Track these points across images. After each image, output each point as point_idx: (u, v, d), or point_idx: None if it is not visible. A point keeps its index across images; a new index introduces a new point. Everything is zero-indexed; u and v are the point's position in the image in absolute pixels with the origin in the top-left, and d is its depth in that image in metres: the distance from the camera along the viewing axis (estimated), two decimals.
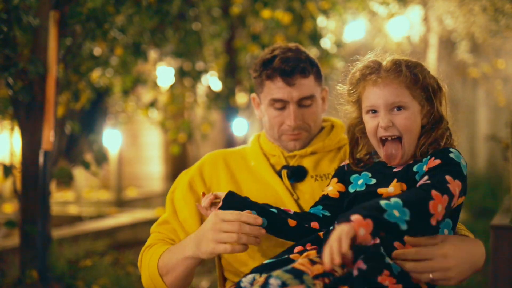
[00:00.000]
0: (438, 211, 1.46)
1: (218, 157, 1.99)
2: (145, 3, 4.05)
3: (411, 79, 1.66)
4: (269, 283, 1.35)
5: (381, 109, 1.64)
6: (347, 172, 1.76)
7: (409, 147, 1.65)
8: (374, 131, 1.66)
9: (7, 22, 2.99)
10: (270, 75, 1.90)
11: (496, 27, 4.73)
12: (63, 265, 3.63)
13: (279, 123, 1.92)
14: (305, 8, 5.49)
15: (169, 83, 5.85)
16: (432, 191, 1.47)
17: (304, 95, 1.89)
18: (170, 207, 1.92)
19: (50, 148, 3.17)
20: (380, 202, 1.43)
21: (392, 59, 1.69)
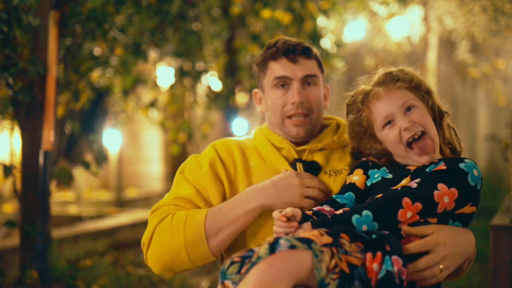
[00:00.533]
0: (407, 217, 1.57)
1: (231, 143, 1.98)
2: (145, 3, 4.05)
3: (405, 81, 1.75)
4: (279, 243, 1.39)
5: (397, 114, 1.72)
6: (370, 167, 1.80)
7: (435, 138, 1.72)
8: (398, 139, 1.72)
9: (7, 22, 2.99)
10: (274, 55, 1.94)
11: (496, 27, 4.73)
12: (63, 265, 3.63)
13: (282, 104, 1.93)
14: (305, 8, 5.49)
15: (169, 83, 5.85)
16: (404, 198, 1.57)
17: (308, 73, 1.93)
18: (187, 185, 1.87)
19: (50, 148, 3.17)
20: (352, 218, 1.55)
21: (382, 73, 1.79)
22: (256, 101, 2.07)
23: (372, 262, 1.45)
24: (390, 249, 1.49)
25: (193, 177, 1.89)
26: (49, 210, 3.26)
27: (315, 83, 1.95)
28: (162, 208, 1.82)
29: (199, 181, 1.88)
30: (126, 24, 3.94)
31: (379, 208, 1.57)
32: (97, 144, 4.06)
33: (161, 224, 1.77)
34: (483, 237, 5.05)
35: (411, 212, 1.56)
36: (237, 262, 1.44)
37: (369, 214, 1.55)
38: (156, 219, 1.78)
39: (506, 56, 7.73)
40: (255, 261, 1.40)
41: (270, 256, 1.38)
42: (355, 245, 1.47)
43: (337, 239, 1.45)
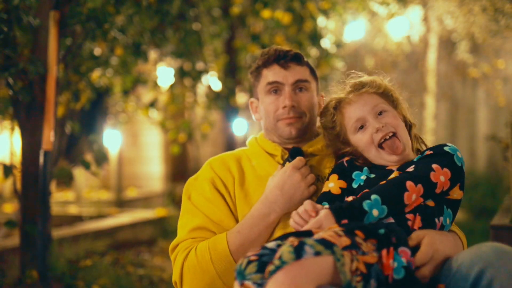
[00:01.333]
0: (412, 200, 1.64)
1: (227, 157, 2.02)
2: (145, 3, 4.05)
3: (373, 87, 1.85)
4: (305, 250, 1.39)
5: (368, 118, 1.81)
6: (347, 168, 1.84)
7: (405, 140, 1.80)
8: (370, 141, 1.80)
9: (7, 22, 2.99)
10: (266, 62, 2.01)
11: (496, 27, 4.73)
12: (63, 265, 3.63)
13: (274, 109, 1.97)
14: (305, 8, 5.49)
15: (169, 83, 5.85)
16: (407, 182, 1.64)
17: (299, 78, 1.97)
18: (197, 212, 1.91)
19: (50, 148, 3.17)
20: (363, 204, 1.60)
21: (351, 83, 1.89)
22: (253, 110, 2.11)
23: (388, 258, 1.47)
24: (396, 241, 1.51)
25: (200, 202, 1.93)
26: (49, 210, 3.26)
27: (306, 89, 1.99)
28: (181, 244, 1.87)
29: (207, 206, 1.92)
30: (126, 24, 3.94)
31: (386, 192, 1.63)
32: (97, 144, 4.06)
33: (187, 260, 1.81)
34: (483, 237, 5.06)
35: (415, 195, 1.63)
36: (254, 260, 1.42)
37: (378, 198, 1.61)
38: (180, 256, 1.83)
39: (506, 56, 7.73)
40: (279, 265, 1.37)
41: (296, 262, 1.37)
42: (370, 243, 1.49)
43: (354, 240, 1.46)
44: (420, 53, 7.07)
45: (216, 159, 2.03)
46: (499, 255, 1.45)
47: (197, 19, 5.27)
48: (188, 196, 1.97)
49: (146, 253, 5.25)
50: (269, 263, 1.39)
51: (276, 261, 1.38)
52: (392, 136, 1.78)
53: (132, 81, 5.19)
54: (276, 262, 1.38)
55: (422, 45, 6.53)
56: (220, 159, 2.02)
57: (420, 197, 1.64)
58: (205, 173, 1.99)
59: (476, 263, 1.46)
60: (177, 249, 1.87)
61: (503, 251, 1.46)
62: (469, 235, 5.95)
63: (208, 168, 2.00)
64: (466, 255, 1.51)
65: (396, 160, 1.78)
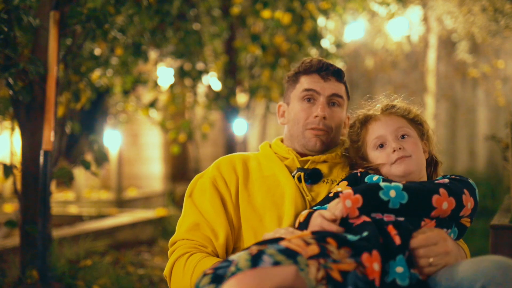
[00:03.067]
0: (443, 208, 1.64)
1: (236, 159, 2.03)
2: (145, 3, 4.05)
3: (404, 111, 1.90)
4: (262, 259, 1.37)
5: (389, 138, 1.84)
6: (360, 178, 1.85)
7: (419, 168, 1.83)
8: (386, 160, 1.82)
9: (8, 22, 2.99)
10: (307, 70, 2.02)
11: (495, 27, 4.74)
12: (64, 265, 3.63)
13: (306, 116, 1.98)
14: (305, 8, 5.49)
15: (169, 83, 5.85)
16: (441, 188, 1.65)
17: (336, 92, 1.99)
18: (195, 210, 1.94)
19: (50, 148, 3.17)
20: (380, 183, 1.64)
21: (386, 103, 1.94)
22: (279, 114, 2.11)
23: (371, 261, 1.44)
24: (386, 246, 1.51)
25: (199, 201, 1.95)
26: (49, 210, 3.26)
27: (340, 105, 2.01)
28: (178, 242, 1.91)
29: (205, 205, 1.93)
30: (126, 24, 3.94)
31: (412, 185, 1.65)
32: (97, 144, 4.06)
33: (178, 261, 1.85)
34: (483, 237, 5.06)
35: (447, 203, 1.65)
36: (209, 274, 1.41)
37: (399, 185, 1.63)
38: (175, 256, 1.87)
39: (506, 56, 7.74)
40: (234, 271, 1.36)
41: (251, 270, 1.34)
42: (344, 251, 1.46)
43: (324, 249, 1.43)
44: (420, 53, 7.08)
45: (224, 158, 2.04)
46: (502, 270, 1.42)
47: (197, 19, 5.28)
48: (190, 193, 1.99)
49: (146, 253, 5.25)
50: (223, 275, 1.38)
51: (232, 268, 1.37)
52: (407, 157, 1.80)
53: (132, 81, 5.19)
54: (232, 269, 1.37)
55: (422, 45, 6.54)
56: (228, 159, 2.03)
57: (451, 210, 1.66)
58: (210, 172, 1.99)
59: (479, 279, 1.42)
60: (174, 246, 1.90)
61: (506, 266, 1.43)
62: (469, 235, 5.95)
63: (215, 167, 2.00)
64: (468, 269, 1.47)
65: (401, 175, 1.80)
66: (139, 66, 5.20)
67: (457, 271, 1.50)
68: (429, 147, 1.92)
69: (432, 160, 1.92)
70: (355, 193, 1.61)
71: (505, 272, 1.41)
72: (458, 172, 7.96)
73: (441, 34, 6.39)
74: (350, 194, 1.61)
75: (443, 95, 8.02)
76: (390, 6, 5.74)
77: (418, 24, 6.14)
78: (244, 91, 6.12)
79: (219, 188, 1.95)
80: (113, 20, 3.56)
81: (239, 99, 6.17)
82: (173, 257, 1.87)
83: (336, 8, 5.64)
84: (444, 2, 5.39)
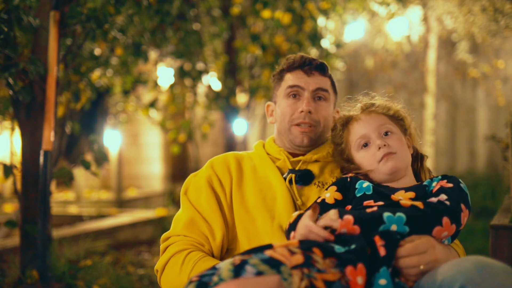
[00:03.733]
0: (442, 236, 1.61)
1: (230, 158, 2.02)
2: (145, 3, 4.05)
3: (384, 108, 1.87)
4: (245, 269, 1.36)
5: (372, 136, 1.81)
6: (350, 183, 1.83)
7: (404, 165, 1.80)
8: (373, 158, 1.80)
9: (8, 22, 2.99)
10: (290, 67, 2.03)
11: (495, 27, 4.73)
12: (64, 265, 3.63)
13: (291, 112, 1.98)
14: (305, 8, 5.49)
15: (169, 83, 5.85)
16: (444, 218, 1.60)
17: (320, 86, 1.99)
18: (190, 207, 1.94)
19: (50, 148, 3.17)
20: (383, 214, 1.57)
21: (365, 102, 1.92)
22: (268, 113, 2.12)
23: (354, 274, 1.43)
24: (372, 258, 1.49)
25: (195, 199, 1.94)
26: (49, 210, 3.26)
27: (325, 99, 2.01)
28: (173, 238, 1.89)
29: (200, 203, 1.93)
30: (126, 24, 3.94)
31: (416, 216, 1.59)
32: (97, 144, 4.05)
33: (175, 257, 1.83)
34: (483, 237, 5.06)
35: (447, 233, 1.62)
36: (195, 281, 1.40)
37: (403, 216, 1.58)
38: (171, 251, 1.85)
39: (506, 56, 7.74)
40: (217, 281, 1.36)
41: (233, 280, 1.34)
42: (329, 261, 1.45)
43: (309, 258, 1.42)
44: (420, 53, 7.08)
45: (218, 158, 2.04)
46: (480, 270, 1.41)
47: (197, 19, 5.28)
48: (185, 191, 1.99)
49: (146, 253, 5.25)
50: (208, 283, 1.37)
51: (215, 278, 1.37)
52: (392, 155, 1.78)
53: (132, 81, 5.19)
54: (214, 279, 1.37)
55: (422, 45, 6.53)
56: (222, 158, 2.03)
57: (451, 236, 1.65)
58: (204, 171, 2.00)
59: (458, 279, 1.42)
60: (169, 241, 1.89)
61: (485, 266, 1.42)
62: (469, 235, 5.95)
63: (209, 166, 2.01)
64: (448, 270, 1.47)
65: (388, 173, 1.78)
66: (139, 66, 5.20)
67: (438, 273, 1.50)
68: (413, 142, 1.90)
69: (417, 155, 1.90)
70: (355, 223, 1.55)
71: (483, 272, 1.41)
72: (458, 172, 7.96)
73: (441, 34, 6.39)
74: (350, 222, 1.55)
75: (443, 95, 8.02)
76: (390, 6, 5.73)
77: (418, 24, 6.14)
78: (244, 91, 6.12)
79: (214, 187, 1.95)
80: (113, 20, 3.56)
81: (239, 99, 6.17)
82: (169, 252, 1.85)
83: (336, 8, 5.64)
84: (444, 2, 5.39)
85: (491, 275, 1.40)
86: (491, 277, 1.40)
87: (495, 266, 1.43)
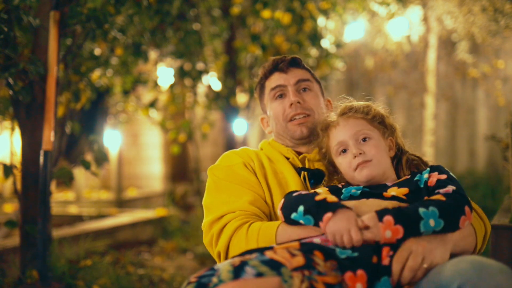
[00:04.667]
0: (465, 226, 1.62)
1: (246, 150, 2.03)
2: (145, 3, 4.05)
3: (362, 112, 1.86)
4: (244, 270, 1.35)
5: (349, 142, 1.82)
6: (340, 190, 1.83)
7: (380, 170, 1.80)
8: (349, 165, 1.81)
9: (8, 22, 2.99)
10: (266, 74, 2.06)
11: (496, 27, 4.73)
12: (64, 265, 3.63)
13: (282, 110, 2.00)
14: (305, 8, 5.49)
15: (169, 83, 5.85)
16: (465, 206, 1.62)
17: (300, 78, 2.01)
18: (236, 188, 1.88)
19: (50, 148, 3.17)
20: (419, 209, 1.56)
21: (343, 106, 1.91)
22: (264, 125, 2.13)
23: (354, 281, 1.43)
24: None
25: (237, 179, 1.91)
26: (49, 210, 3.26)
27: (310, 88, 2.02)
28: (227, 215, 1.82)
29: (247, 181, 1.90)
30: (126, 24, 3.94)
31: (446, 208, 1.60)
32: (97, 144, 4.06)
33: (237, 233, 1.78)
34: None
35: (468, 222, 1.64)
36: (193, 282, 1.38)
37: (436, 210, 1.58)
38: (231, 227, 1.79)
39: (506, 56, 7.74)
40: (217, 283, 1.34)
41: (233, 281, 1.33)
42: (330, 264, 1.45)
43: (310, 260, 1.42)
44: (420, 53, 7.08)
45: (235, 151, 2.04)
46: (478, 270, 1.42)
47: (197, 19, 5.27)
48: (218, 178, 1.93)
49: (146, 253, 5.25)
50: (207, 284, 1.36)
51: (214, 279, 1.35)
52: (368, 162, 1.79)
53: (132, 81, 5.19)
54: (214, 280, 1.35)
55: (422, 45, 6.53)
56: (241, 150, 2.03)
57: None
58: (232, 160, 1.98)
59: (455, 280, 1.42)
60: (224, 219, 1.81)
61: (482, 266, 1.43)
62: None
63: (234, 155, 1.99)
64: (446, 271, 1.48)
65: (364, 181, 1.79)
66: (139, 66, 5.20)
67: (437, 273, 1.51)
68: (396, 139, 1.90)
69: (399, 151, 1.90)
70: (396, 223, 1.53)
71: (480, 272, 1.41)
72: (458, 172, 7.96)
73: (441, 34, 6.38)
74: (391, 223, 1.53)
75: (443, 95, 8.02)
76: (390, 6, 5.73)
77: (418, 24, 6.13)
78: (244, 91, 6.12)
79: (254, 169, 1.94)
80: (113, 20, 3.56)
81: (239, 99, 6.17)
82: (229, 229, 1.78)
83: (336, 8, 5.64)
84: (444, 2, 5.39)
85: (488, 275, 1.41)
86: (489, 277, 1.40)
87: (492, 266, 1.43)
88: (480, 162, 8.20)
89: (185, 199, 7.59)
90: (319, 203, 1.63)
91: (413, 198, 1.70)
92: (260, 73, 2.09)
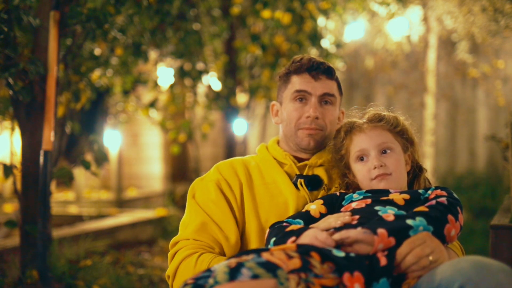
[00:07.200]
0: (451, 235, 1.64)
1: (236, 163, 2.02)
2: (145, 3, 4.05)
3: (389, 123, 1.88)
4: (241, 272, 1.35)
5: (371, 152, 1.84)
6: (339, 198, 1.84)
7: (397, 185, 1.82)
8: (367, 175, 1.83)
9: (8, 22, 2.99)
10: (298, 70, 2.00)
11: (496, 27, 4.73)
12: (64, 265, 3.63)
13: (298, 116, 1.98)
14: (305, 8, 5.49)
15: (169, 83, 5.85)
16: (448, 215, 1.65)
17: (327, 91, 1.98)
18: (200, 211, 1.92)
19: (50, 148, 3.17)
20: (406, 221, 1.59)
21: (373, 113, 1.92)
22: (273, 113, 2.11)
23: (352, 282, 1.43)
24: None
25: (204, 202, 1.93)
26: (49, 210, 3.26)
27: (332, 103, 2.00)
28: (182, 242, 1.86)
29: (210, 206, 1.91)
30: (126, 24, 3.94)
31: (431, 216, 1.64)
32: (97, 144, 4.06)
33: (187, 260, 1.81)
34: (483, 237, 5.06)
35: (454, 231, 1.66)
36: (190, 284, 1.38)
37: (423, 219, 1.62)
38: (181, 255, 1.82)
39: (506, 56, 7.74)
40: (212, 284, 1.34)
41: (229, 283, 1.33)
42: (327, 266, 1.44)
43: (307, 263, 1.41)
44: (420, 53, 7.08)
45: (224, 163, 2.03)
46: (478, 270, 1.42)
47: (197, 19, 5.27)
48: (192, 195, 1.98)
49: (146, 253, 5.25)
50: (204, 285, 1.36)
51: (210, 280, 1.35)
52: (387, 176, 1.81)
53: (132, 81, 5.19)
54: (210, 281, 1.35)
55: (422, 45, 6.53)
56: (229, 163, 2.02)
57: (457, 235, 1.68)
58: (212, 175, 1.99)
59: (456, 279, 1.43)
60: (178, 246, 1.87)
61: (483, 265, 1.43)
62: (469, 235, 5.95)
63: (216, 171, 2.00)
64: (446, 270, 1.48)
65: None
66: (139, 66, 5.20)
67: (436, 273, 1.51)
68: (414, 154, 1.92)
69: (416, 167, 1.92)
70: (389, 235, 1.56)
71: (481, 272, 1.42)
72: (458, 172, 7.96)
73: (441, 34, 6.38)
74: (384, 236, 1.55)
75: (443, 95, 8.02)
76: (390, 6, 5.73)
77: (418, 24, 6.13)
78: (244, 91, 6.12)
79: (224, 190, 1.94)
80: (113, 20, 3.56)
81: (239, 99, 6.18)
82: (179, 256, 1.83)
83: (336, 8, 5.64)
84: (444, 2, 5.39)
85: (489, 274, 1.41)
86: (489, 277, 1.40)
87: (493, 266, 1.43)
88: (480, 162, 8.20)
89: (185, 199, 7.58)
90: (287, 233, 1.67)
91: (410, 205, 1.72)
92: (292, 65, 2.02)
